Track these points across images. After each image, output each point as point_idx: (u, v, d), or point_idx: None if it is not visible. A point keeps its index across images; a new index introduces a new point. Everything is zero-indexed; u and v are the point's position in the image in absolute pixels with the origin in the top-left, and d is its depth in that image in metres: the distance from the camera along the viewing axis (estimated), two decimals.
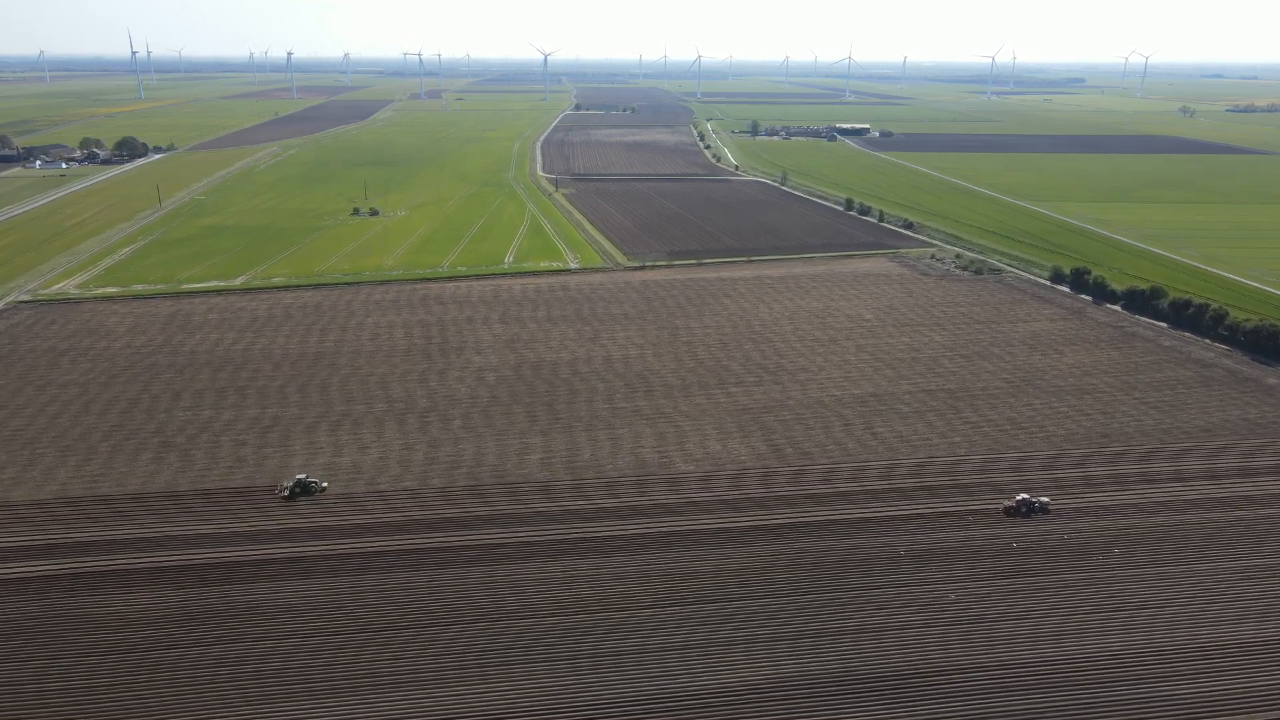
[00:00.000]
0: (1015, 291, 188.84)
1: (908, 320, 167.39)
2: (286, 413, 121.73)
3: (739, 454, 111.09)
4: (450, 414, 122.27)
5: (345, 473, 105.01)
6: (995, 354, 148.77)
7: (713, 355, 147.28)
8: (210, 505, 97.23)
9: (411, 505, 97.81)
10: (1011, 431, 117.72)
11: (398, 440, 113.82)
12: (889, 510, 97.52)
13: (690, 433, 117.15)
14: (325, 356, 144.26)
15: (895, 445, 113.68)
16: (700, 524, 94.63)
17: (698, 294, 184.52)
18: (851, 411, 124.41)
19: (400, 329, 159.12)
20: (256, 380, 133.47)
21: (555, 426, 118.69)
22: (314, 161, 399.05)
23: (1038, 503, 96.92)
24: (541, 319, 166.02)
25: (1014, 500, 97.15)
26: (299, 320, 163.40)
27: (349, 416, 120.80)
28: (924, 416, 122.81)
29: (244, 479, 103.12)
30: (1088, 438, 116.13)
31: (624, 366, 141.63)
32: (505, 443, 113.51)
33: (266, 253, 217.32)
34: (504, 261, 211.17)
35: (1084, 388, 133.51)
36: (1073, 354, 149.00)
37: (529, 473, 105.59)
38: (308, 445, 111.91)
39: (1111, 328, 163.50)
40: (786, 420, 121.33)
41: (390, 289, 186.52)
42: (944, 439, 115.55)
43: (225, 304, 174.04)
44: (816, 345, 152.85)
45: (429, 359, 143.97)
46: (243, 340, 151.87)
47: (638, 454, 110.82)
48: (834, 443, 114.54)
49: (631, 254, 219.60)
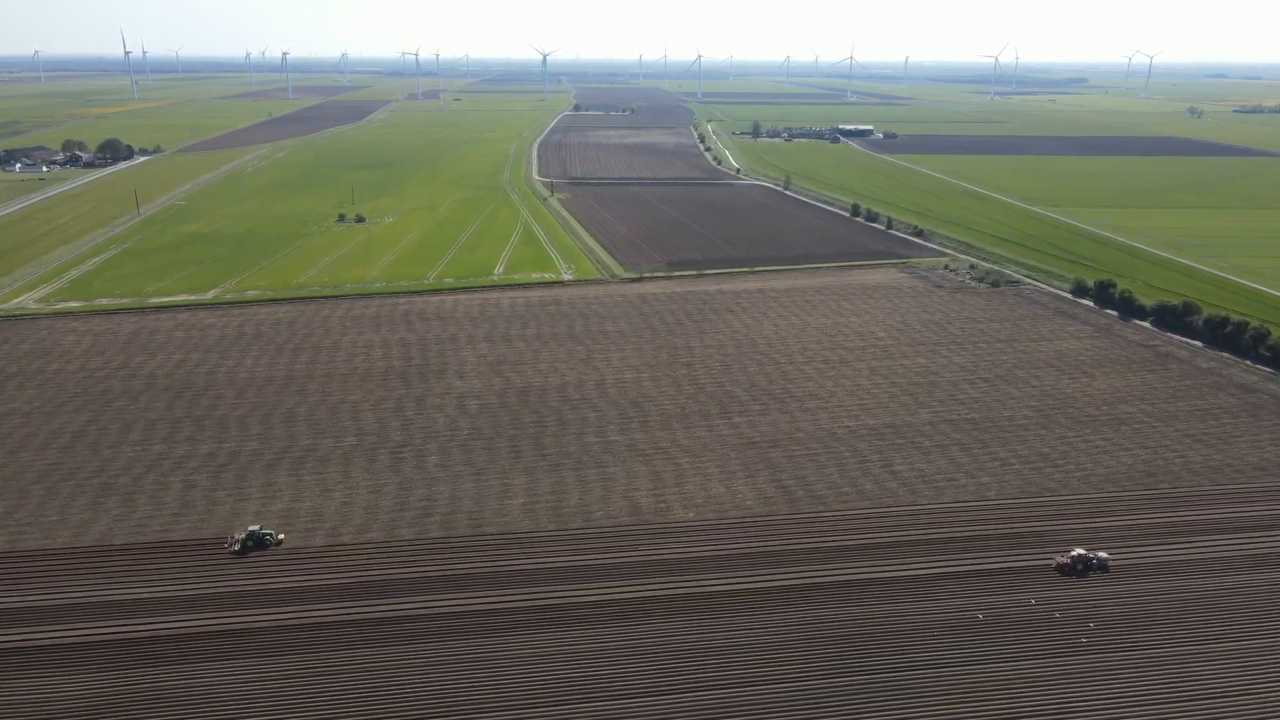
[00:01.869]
0: (1036, 306, 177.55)
1: (923, 339, 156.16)
2: (245, 448, 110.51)
3: (744, 498, 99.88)
4: (426, 449, 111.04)
5: (304, 521, 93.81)
6: (1020, 377, 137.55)
7: (714, 379, 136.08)
8: (149, 562, 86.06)
9: (375, 562, 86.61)
10: (1045, 470, 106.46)
11: (366, 481, 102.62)
12: (918, 568, 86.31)
13: (690, 472, 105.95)
14: (294, 381, 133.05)
15: (917, 486, 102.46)
16: (702, 586, 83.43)
17: (698, 309, 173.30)
18: (867, 445, 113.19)
19: (378, 349, 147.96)
20: (216, 409, 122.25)
21: (541, 464, 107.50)
22: (305, 164, 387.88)
23: (1095, 558, 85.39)
24: (531, 337, 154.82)
25: (1068, 556, 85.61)
26: (270, 339, 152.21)
27: (314, 452, 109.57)
28: (947, 451, 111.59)
29: (190, 529, 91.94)
30: (1129, 477, 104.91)
31: (618, 392, 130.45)
32: (485, 484, 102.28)
33: (243, 263, 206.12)
34: (494, 272, 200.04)
35: (1119, 417, 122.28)
36: (1104, 377, 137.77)
37: (509, 521, 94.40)
38: (265, 487, 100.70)
39: (1143, 347, 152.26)
40: (796, 456, 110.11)
41: (371, 303, 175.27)
42: (971, 479, 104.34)
43: (193, 320, 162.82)
44: (826, 367, 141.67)
45: (407, 383, 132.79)
46: (207, 362, 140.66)
47: (631, 498, 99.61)
48: (849, 483, 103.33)
49: (628, 264, 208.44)
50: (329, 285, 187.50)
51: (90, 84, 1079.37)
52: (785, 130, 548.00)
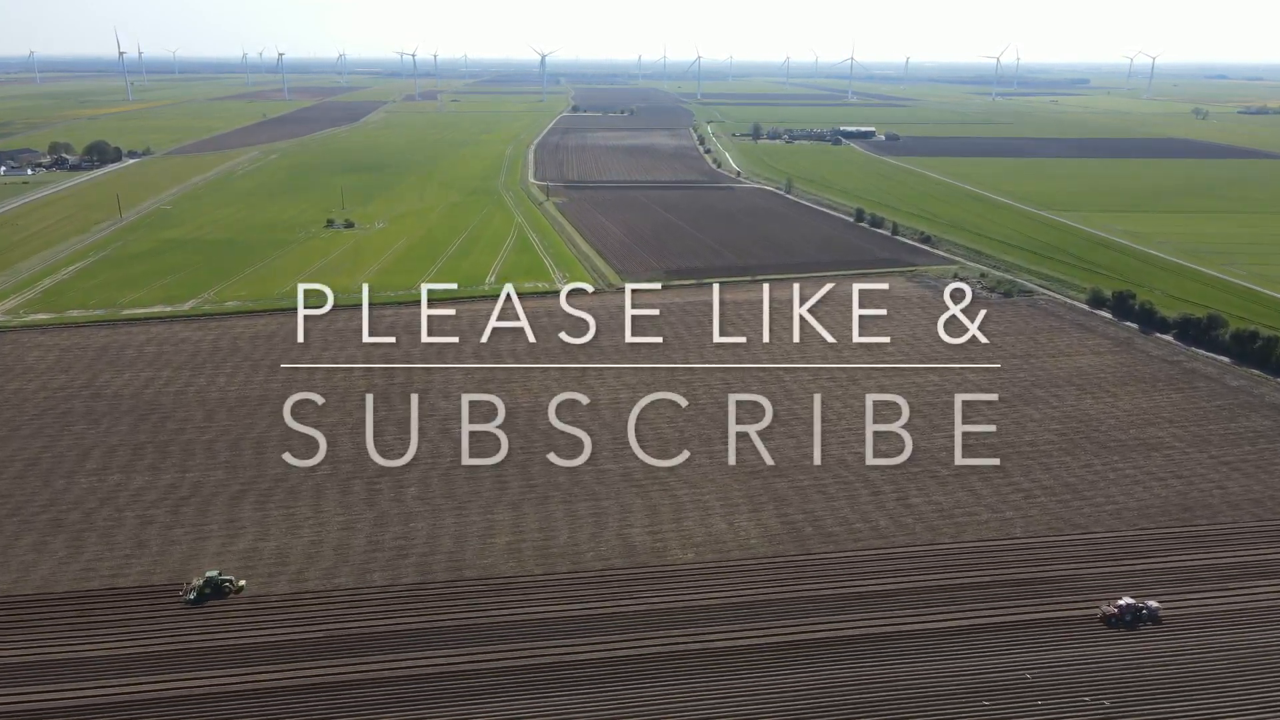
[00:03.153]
0: (1051, 318, 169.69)
1: (933, 354, 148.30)
2: (210, 478, 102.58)
3: (748, 536, 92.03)
4: (405, 479, 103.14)
5: (268, 563, 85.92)
6: (1039, 397, 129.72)
7: (714, 399, 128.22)
8: (93, 613, 78.18)
9: (343, 613, 78.71)
10: (1074, 504, 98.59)
11: (338, 516, 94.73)
12: (945, 619, 78.39)
13: (689, 505, 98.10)
14: (269, 401, 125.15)
15: (936, 523, 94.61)
16: (704, 641, 75.54)
17: (698, 321, 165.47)
18: (879, 474, 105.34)
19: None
20: (183, 433, 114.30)
21: (529, 496, 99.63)
22: (295, 167, 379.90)
23: (1145, 608, 77.33)
24: (521, 352, 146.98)
25: (1115, 605, 77.56)
26: (246, 354, 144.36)
27: (284, 483, 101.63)
28: (966, 481, 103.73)
29: (141, 573, 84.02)
30: (1165, 510, 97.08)
31: (613, 414, 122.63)
32: (466, 520, 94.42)
33: (225, 271, 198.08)
34: (485, 282, 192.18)
35: (1149, 442, 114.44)
36: (1128, 397, 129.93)
37: (492, 563, 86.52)
38: (228, 524, 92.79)
39: (1167, 363, 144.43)
40: (803, 487, 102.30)
41: (355, 315, 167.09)
42: (994, 513, 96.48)
43: (167, 334, 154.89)
44: (834, 386, 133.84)
45: (388, 404, 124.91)
46: (178, 380, 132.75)
47: (625, 536, 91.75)
48: (862, 519, 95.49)
49: (625, 272, 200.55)
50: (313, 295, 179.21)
51: (85, 85, 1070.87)
52: (786, 132, 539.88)
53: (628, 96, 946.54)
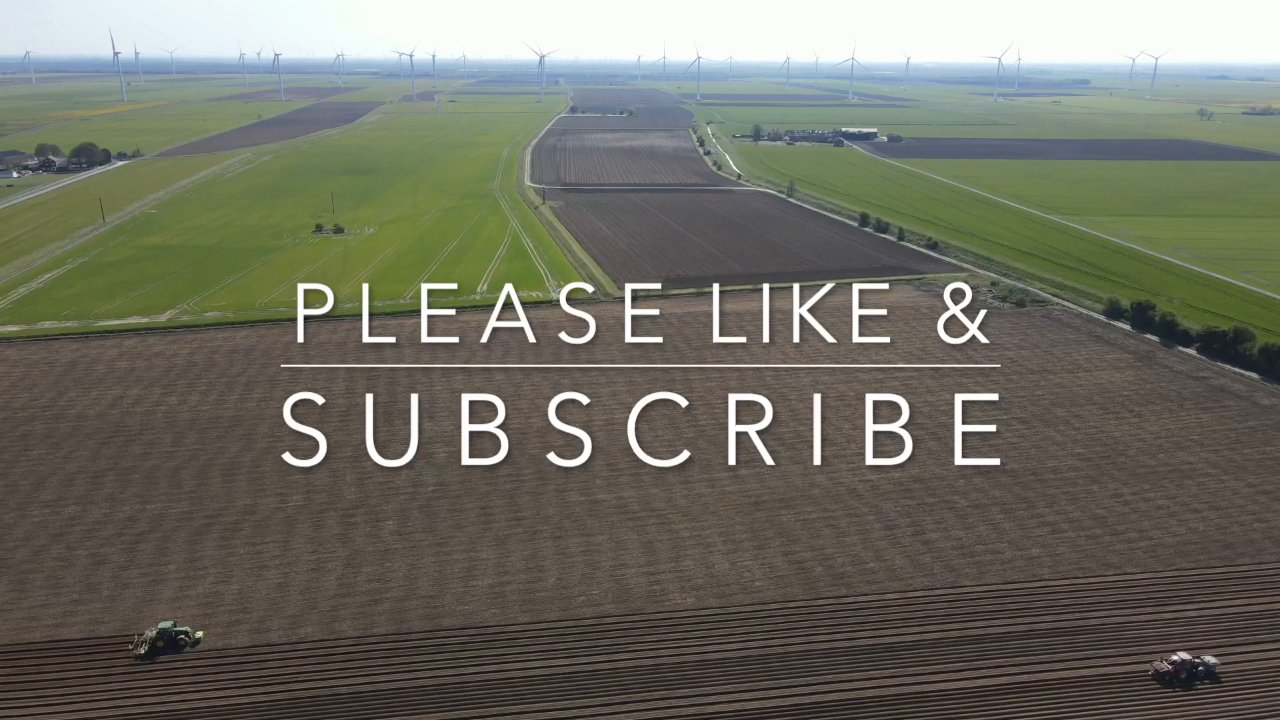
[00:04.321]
0: (1068, 329, 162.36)
1: (947, 370, 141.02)
2: (172, 510, 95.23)
3: (752, 576, 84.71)
4: (383, 511, 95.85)
5: (229, 610, 78.58)
6: (1059, 417, 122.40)
7: (715, 419, 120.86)
8: (32, 672, 70.86)
9: (307, 671, 71.36)
10: (1104, 539, 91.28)
11: (308, 554, 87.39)
12: (975, 676, 71.08)
13: (688, 541, 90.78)
14: (242, 422, 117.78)
15: (956, 561, 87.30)
16: (706, 707, 68.19)
17: (697, 333, 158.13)
18: (892, 505, 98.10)
19: (341, 382, 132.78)
20: (148, 458, 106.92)
21: (515, 531, 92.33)
22: (286, 170, 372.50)
23: (1201, 664, 69.99)
24: (512, 367, 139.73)
25: (1169, 661, 70.17)
26: (222, 369, 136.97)
27: (252, 516, 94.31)
28: (986, 513, 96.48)
29: (88, 622, 76.67)
30: (1204, 548, 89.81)
31: (607, 436, 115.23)
32: (448, 559, 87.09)
33: (207, 280, 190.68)
34: (477, 290, 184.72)
35: (1180, 468, 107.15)
36: (1154, 417, 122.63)
37: (473, 611, 79.17)
38: (188, 564, 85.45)
39: (1192, 379, 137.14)
40: (811, 519, 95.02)
41: (340, 327, 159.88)
42: (1018, 551, 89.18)
43: (141, 347, 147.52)
44: (841, 404, 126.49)
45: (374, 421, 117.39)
46: (148, 398, 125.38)
47: (619, 577, 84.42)
48: (875, 556, 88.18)
49: (622, 281, 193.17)
50: (295, 305, 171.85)
51: (80, 85, 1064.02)
52: (787, 133, 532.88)
53: (627, 97, 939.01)
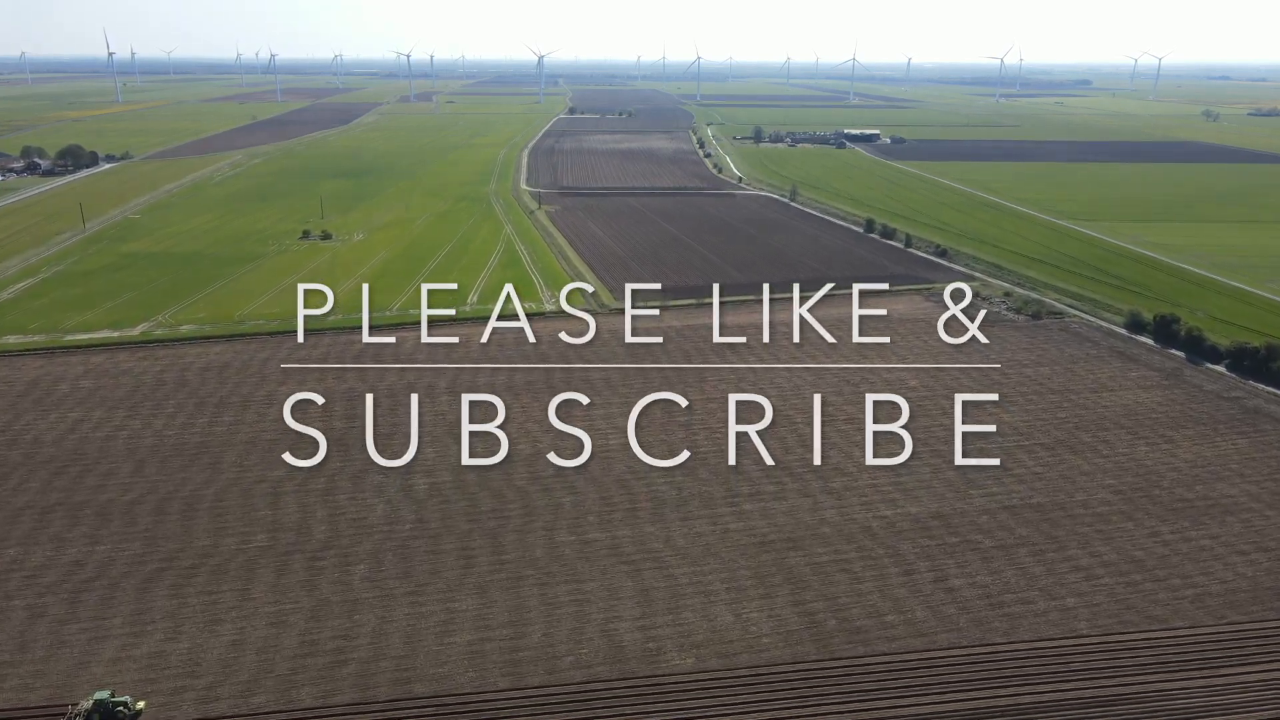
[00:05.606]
0: (1087, 344, 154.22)
1: (962, 388, 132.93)
2: (124, 552, 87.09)
3: (759, 632, 76.53)
4: (354, 553, 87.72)
5: (175, 674, 70.44)
6: (1086, 444, 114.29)
7: (717, 446, 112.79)
8: None
9: None
10: (1144, 585, 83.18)
11: (268, 606, 79.22)
12: None
13: (688, 589, 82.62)
14: (209, 450, 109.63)
15: (984, 614, 79.15)
16: None
17: (697, 348, 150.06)
18: (911, 546, 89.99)
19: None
20: (103, 492, 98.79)
21: (498, 577, 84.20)
22: (277, 172, 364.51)
23: None
24: (501, 387, 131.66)
25: None
26: (193, 389, 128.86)
27: (210, 559, 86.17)
28: (1013, 555, 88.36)
29: (18, 688, 68.52)
30: (1256, 596, 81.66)
31: (601, 467, 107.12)
32: (422, 610, 78.93)
33: (185, 289, 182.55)
34: (467, 301, 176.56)
35: (1220, 502, 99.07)
36: (1187, 443, 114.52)
37: (448, 674, 71.00)
38: (135, 617, 77.30)
39: (1225, 400, 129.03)
40: (822, 564, 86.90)
41: (321, 341, 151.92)
42: (1051, 600, 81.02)
43: (109, 364, 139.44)
44: (851, 430, 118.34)
45: (345, 452, 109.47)
46: (111, 421, 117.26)
47: (611, 633, 76.25)
48: (894, 608, 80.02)
49: (619, 291, 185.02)
50: (277, 318, 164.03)
51: (75, 86, 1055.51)
52: (788, 134, 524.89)
53: (626, 98, 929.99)
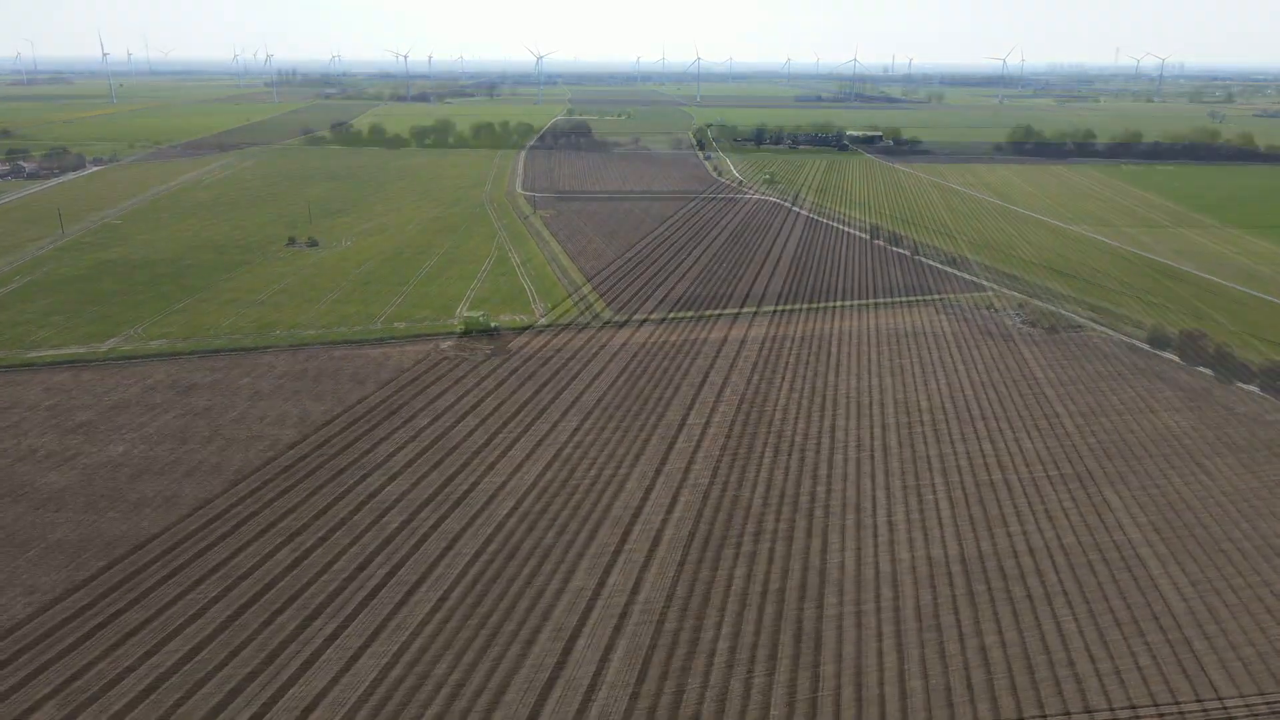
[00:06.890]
0: (1110, 361, 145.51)
1: (980, 412, 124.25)
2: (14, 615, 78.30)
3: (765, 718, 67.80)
4: (316, 616, 78.91)
5: None
6: (1117, 473, 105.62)
7: (719, 476, 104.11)
8: None
9: None
10: (1197, 645, 74.39)
11: (199, 707, 70.39)
12: None
13: (687, 659, 73.84)
14: (163, 490, 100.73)
15: (1025, 688, 70.33)
16: None
17: (697, 367, 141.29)
18: (934, 598, 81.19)
19: (291, 427, 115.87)
20: (27, 548, 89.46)
21: (473, 643, 75.34)
22: (267, 175, 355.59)
23: None
24: (486, 410, 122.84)
25: None
26: (157, 413, 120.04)
27: (138, 636, 77.36)
28: (1051, 608, 79.62)
29: None
30: None
31: (591, 500, 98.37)
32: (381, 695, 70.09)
33: (161, 300, 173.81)
34: (455, 314, 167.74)
35: (1272, 543, 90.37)
36: (1225, 472, 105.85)
37: None
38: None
39: (1260, 424, 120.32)
40: (838, 623, 78.12)
41: (299, 357, 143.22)
42: (1095, 665, 72.18)
43: (71, 384, 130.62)
44: (862, 456, 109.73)
45: (316, 485, 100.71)
46: (58, 453, 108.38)
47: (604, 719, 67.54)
48: (922, 682, 71.10)
49: (615, 301, 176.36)
50: (254, 331, 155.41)
51: (72, 87, 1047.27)
52: (789, 137, 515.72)
53: (625, 99, 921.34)
